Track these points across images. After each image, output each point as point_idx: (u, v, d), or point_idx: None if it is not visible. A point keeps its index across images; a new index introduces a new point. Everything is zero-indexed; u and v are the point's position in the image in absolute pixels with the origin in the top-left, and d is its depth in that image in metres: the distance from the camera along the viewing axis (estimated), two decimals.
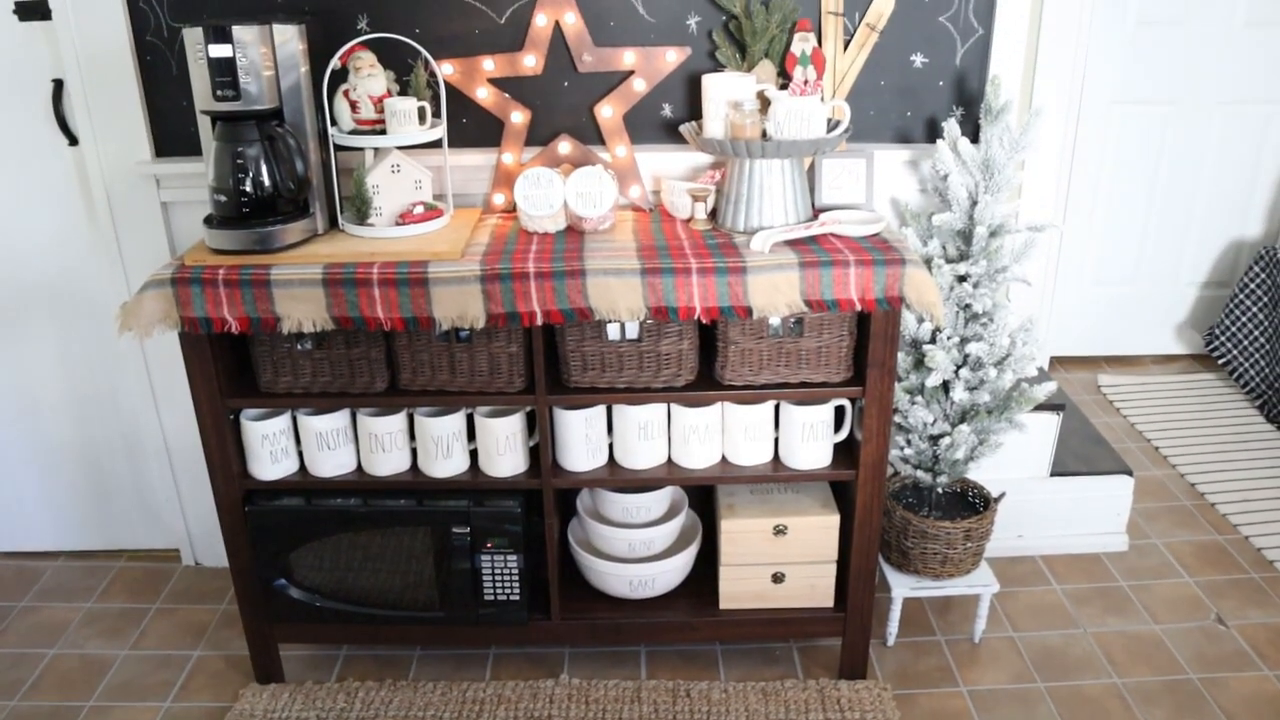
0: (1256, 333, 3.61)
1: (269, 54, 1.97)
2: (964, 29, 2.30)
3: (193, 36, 1.94)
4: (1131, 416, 3.57)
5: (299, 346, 2.08)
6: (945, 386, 2.35)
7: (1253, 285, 3.61)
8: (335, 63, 2.07)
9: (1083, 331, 3.96)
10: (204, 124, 2.05)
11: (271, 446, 2.16)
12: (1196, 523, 2.97)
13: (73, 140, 2.42)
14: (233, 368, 2.15)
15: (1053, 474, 2.78)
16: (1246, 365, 3.64)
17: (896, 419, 2.39)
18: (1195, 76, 3.58)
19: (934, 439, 2.40)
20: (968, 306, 2.30)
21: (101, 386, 2.69)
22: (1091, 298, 3.90)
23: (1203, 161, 3.72)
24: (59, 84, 2.38)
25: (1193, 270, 3.90)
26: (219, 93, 1.96)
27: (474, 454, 2.21)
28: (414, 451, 2.21)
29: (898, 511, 2.40)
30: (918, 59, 2.32)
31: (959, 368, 2.32)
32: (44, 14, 2.28)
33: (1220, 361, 3.73)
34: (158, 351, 2.55)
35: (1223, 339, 3.71)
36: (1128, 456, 3.31)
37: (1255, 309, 3.61)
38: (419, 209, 2.11)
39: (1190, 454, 3.32)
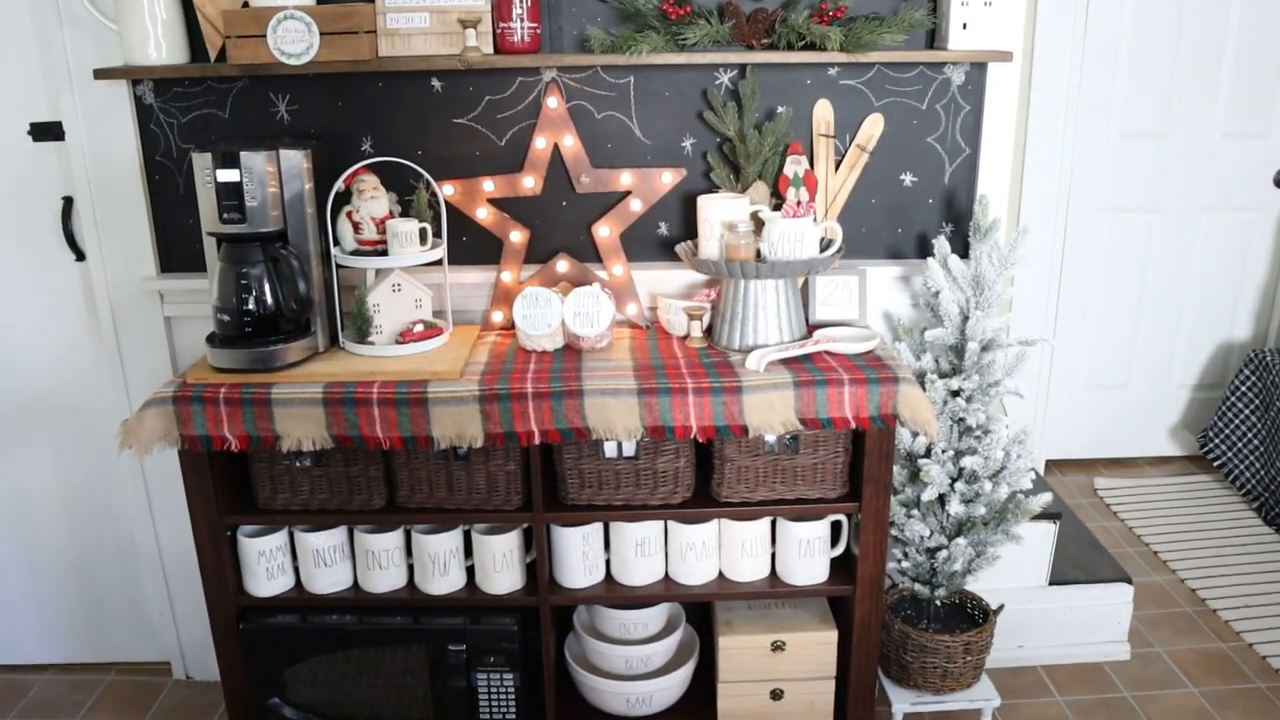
0: (1250, 434, 3.63)
1: (275, 178, 2.02)
2: (951, 149, 2.36)
3: (201, 161, 1.99)
4: (1129, 520, 3.56)
5: (297, 463, 2.09)
6: (941, 500, 2.36)
7: (1244, 388, 3.64)
8: (339, 185, 2.12)
9: (1077, 435, 3.97)
10: (209, 242, 2.09)
11: (268, 563, 2.15)
12: (1199, 630, 2.95)
13: (80, 256, 2.47)
14: (230, 484, 2.15)
15: (1051, 583, 2.76)
16: (1241, 467, 3.65)
17: (893, 532, 2.39)
18: (1178, 185, 3.67)
19: (931, 552, 2.40)
20: (961, 420, 2.32)
21: (98, 498, 2.68)
22: (1085, 401, 3.92)
23: (1189, 267, 3.78)
24: (69, 201, 2.43)
25: (1184, 372, 3.94)
26: (225, 215, 2.01)
27: (471, 571, 2.20)
28: (410, 568, 2.20)
29: (896, 625, 2.39)
30: (907, 178, 2.38)
31: (954, 481, 2.33)
32: (57, 135, 2.35)
33: (1215, 463, 3.74)
34: (155, 463, 2.55)
35: (1216, 441, 3.73)
36: (1126, 562, 3.29)
37: (1247, 411, 3.64)
38: (419, 327, 2.14)
39: (1189, 558, 3.31)
